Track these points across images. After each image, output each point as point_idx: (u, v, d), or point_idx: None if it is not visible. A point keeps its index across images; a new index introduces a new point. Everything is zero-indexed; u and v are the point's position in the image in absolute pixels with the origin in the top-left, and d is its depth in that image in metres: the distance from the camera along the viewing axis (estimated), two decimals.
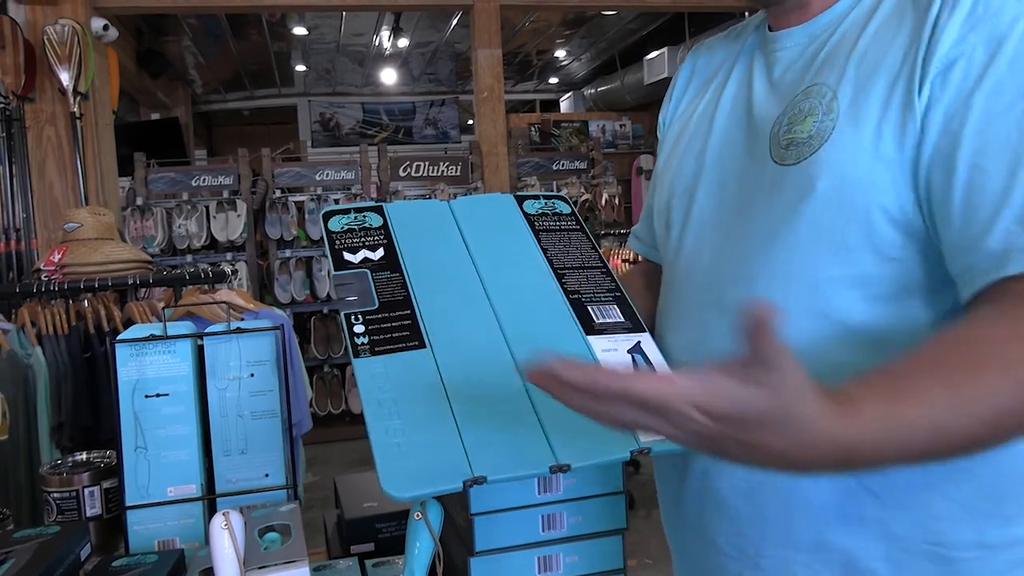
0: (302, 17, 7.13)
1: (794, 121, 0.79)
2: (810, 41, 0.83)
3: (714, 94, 0.93)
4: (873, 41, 0.76)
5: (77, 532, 0.98)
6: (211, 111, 10.50)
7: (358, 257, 0.88)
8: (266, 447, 1.14)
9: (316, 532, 1.34)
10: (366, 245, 0.90)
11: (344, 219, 0.92)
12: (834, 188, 0.74)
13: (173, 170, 5.55)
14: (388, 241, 0.91)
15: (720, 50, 0.99)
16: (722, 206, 0.86)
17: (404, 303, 0.85)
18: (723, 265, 0.84)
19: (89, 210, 2.68)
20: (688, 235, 0.90)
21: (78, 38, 4.15)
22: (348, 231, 0.91)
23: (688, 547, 0.93)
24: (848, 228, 0.74)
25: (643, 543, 3.27)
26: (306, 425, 2.63)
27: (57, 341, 2.28)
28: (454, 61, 9.19)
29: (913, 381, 0.61)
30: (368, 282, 0.86)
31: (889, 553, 0.75)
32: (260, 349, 1.14)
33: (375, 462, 0.70)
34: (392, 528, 1.14)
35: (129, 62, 6.58)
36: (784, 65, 0.85)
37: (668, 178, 0.96)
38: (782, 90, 0.84)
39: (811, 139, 0.76)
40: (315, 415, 4.98)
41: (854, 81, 0.75)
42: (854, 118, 0.74)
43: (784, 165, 0.78)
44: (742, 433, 0.56)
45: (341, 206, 0.95)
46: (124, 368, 1.11)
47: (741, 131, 0.87)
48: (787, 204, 0.77)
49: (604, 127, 9.33)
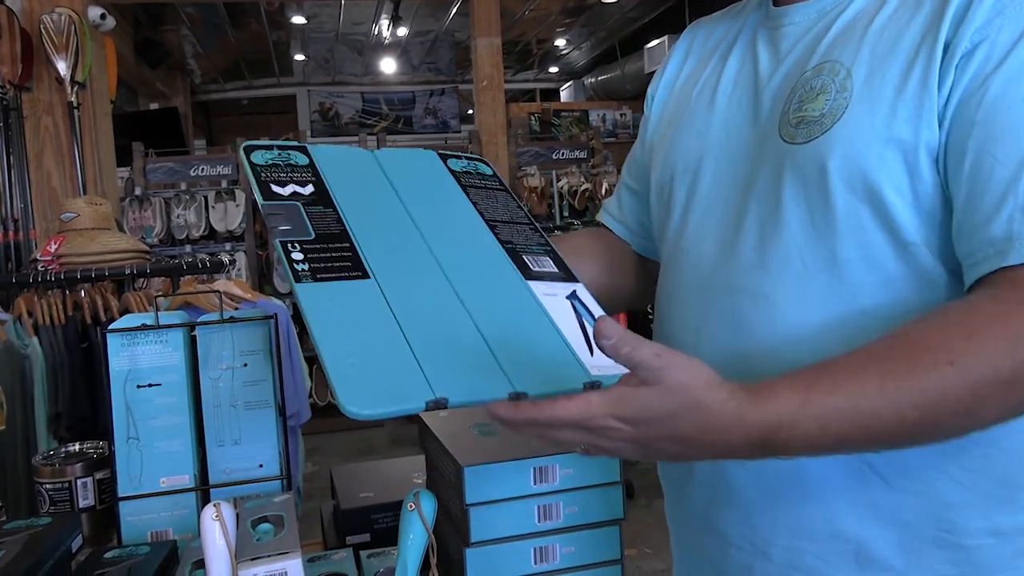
0: (301, 6, 7.10)
1: (805, 99, 0.77)
2: (819, 17, 0.81)
3: (714, 70, 0.91)
4: (891, 20, 0.74)
5: (68, 523, 0.97)
6: (210, 101, 10.47)
7: (287, 190, 0.84)
8: (260, 437, 1.13)
9: (315, 523, 1.33)
10: (294, 180, 0.86)
11: (268, 154, 0.87)
12: (847, 168, 0.72)
13: (172, 160, 5.53)
14: (317, 179, 0.87)
15: (720, 27, 0.97)
16: (728, 185, 0.84)
17: (342, 236, 0.81)
18: (730, 248, 0.82)
19: (86, 200, 2.67)
20: (692, 215, 0.88)
21: (75, 27, 4.13)
22: (273, 166, 0.86)
23: (692, 537, 0.91)
24: (861, 209, 0.72)
25: (643, 533, 3.27)
26: (305, 415, 2.62)
27: (54, 331, 2.27)
28: (454, 50, 9.16)
29: (844, 369, 0.64)
30: (301, 214, 0.81)
31: (901, 540, 0.74)
32: (253, 338, 1.13)
33: (329, 380, 0.65)
34: (388, 519, 1.13)
35: (127, 51, 6.55)
36: (792, 40, 0.83)
37: (665, 155, 0.93)
38: (789, 66, 0.82)
39: (823, 117, 0.75)
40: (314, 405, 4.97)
41: (869, 60, 0.74)
42: (868, 97, 0.72)
43: (794, 144, 0.77)
44: (658, 429, 0.62)
45: (264, 142, 0.90)
46: (116, 358, 1.10)
47: (746, 108, 0.85)
48: (798, 184, 0.76)
49: (604, 116, 9.29)
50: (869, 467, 0.74)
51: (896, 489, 0.74)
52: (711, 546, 0.87)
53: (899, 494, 0.74)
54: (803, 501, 0.77)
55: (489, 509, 0.94)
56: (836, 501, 0.76)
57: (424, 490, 0.82)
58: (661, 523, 1.02)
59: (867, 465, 0.74)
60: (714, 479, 0.84)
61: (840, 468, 0.75)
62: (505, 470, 0.94)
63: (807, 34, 0.81)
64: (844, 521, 0.76)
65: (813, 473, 0.76)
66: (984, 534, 0.73)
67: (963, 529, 0.73)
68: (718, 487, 0.84)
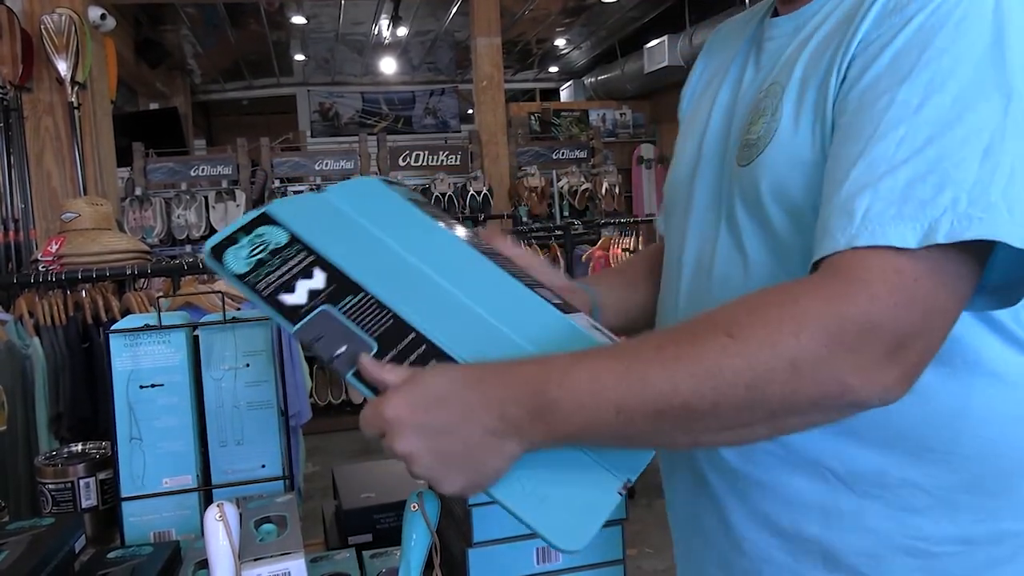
0: (300, 6, 7.10)
1: (752, 120, 0.77)
2: (794, 32, 0.80)
3: (716, 83, 0.92)
4: (824, 39, 0.74)
5: (71, 524, 0.97)
6: (210, 101, 10.47)
7: (301, 294, 0.70)
8: (262, 438, 1.13)
9: (316, 523, 1.33)
10: (293, 272, 0.72)
11: (241, 251, 0.72)
12: (776, 191, 0.73)
13: (172, 160, 5.53)
14: (312, 255, 0.73)
15: (732, 34, 0.96)
16: (708, 200, 0.85)
17: (399, 325, 0.70)
18: (704, 266, 0.83)
19: (87, 200, 2.67)
20: (683, 228, 0.88)
21: (75, 27, 4.13)
22: (259, 264, 0.72)
23: (682, 534, 0.92)
24: (796, 230, 0.72)
25: (644, 532, 3.27)
26: (306, 415, 2.62)
27: (55, 332, 2.28)
28: (454, 50, 9.15)
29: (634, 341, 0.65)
30: (340, 321, 0.69)
31: (867, 547, 0.74)
32: (256, 339, 1.13)
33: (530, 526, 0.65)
34: (390, 519, 1.13)
35: (127, 52, 6.55)
36: (769, 57, 0.83)
37: (675, 167, 0.94)
38: (756, 84, 0.82)
39: (759, 140, 0.75)
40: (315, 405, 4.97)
41: (800, 81, 0.73)
42: (793, 120, 0.72)
43: (740, 165, 0.77)
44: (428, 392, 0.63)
45: (222, 234, 0.74)
46: (119, 358, 1.10)
47: (726, 125, 0.85)
48: (747, 206, 0.77)
49: (604, 116, 9.29)
50: (832, 474, 0.74)
51: (860, 495, 0.74)
52: (697, 543, 0.88)
53: (863, 500, 0.74)
54: (770, 503, 0.78)
55: (491, 509, 0.94)
56: (802, 506, 0.76)
57: (427, 491, 0.82)
58: (661, 523, 1.02)
59: (830, 472, 0.74)
60: (694, 477, 0.85)
61: (804, 475, 0.75)
62: None
63: (781, 50, 0.81)
64: (809, 525, 0.76)
65: (780, 479, 0.77)
66: (953, 542, 0.73)
67: (931, 536, 0.73)
68: (697, 487, 0.85)
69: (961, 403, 0.72)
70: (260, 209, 0.76)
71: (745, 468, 0.79)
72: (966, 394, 0.71)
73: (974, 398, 0.72)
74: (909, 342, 0.61)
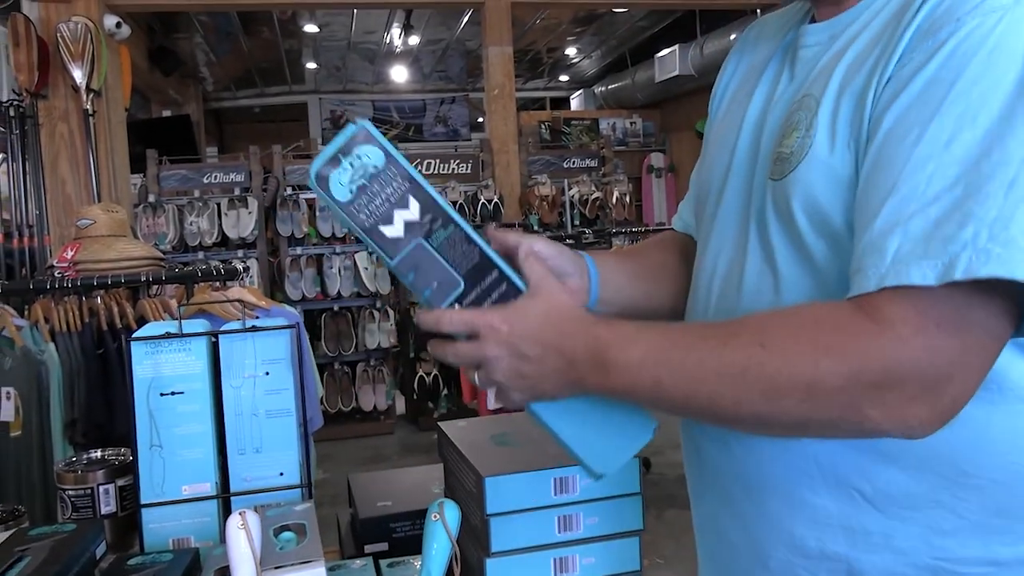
0: (313, 14, 7.14)
1: (785, 133, 0.77)
2: (829, 41, 0.79)
3: (749, 87, 0.90)
4: (862, 52, 0.73)
5: (92, 530, 0.98)
6: (222, 108, 10.53)
7: (399, 226, 0.73)
8: (281, 446, 1.14)
9: (328, 530, 1.33)
10: (390, 201, 0.73)
11: (343, 175, 0.73)
12: (809, 207, 0.73)
13: (185, 167, 5.56)
14: (408, 183, 0.75)
15: (768, 34, 0.95)
16: (739, 210, 0.85)
17: (484, 265, 0.74)
18: (733, 277, 0.83)
19: (102, 207, 2.69)
20: (713, 235, 0.88)
21: (91, 35, 4.17)
22: (360, 191, 0.73)
23: (708, 543, 0.93)
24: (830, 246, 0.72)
25: (655, 543, 3.26)
26: (317, 423, 2.63)
27: (70, 338, 2.29)
28: (465, 59, 9.19)
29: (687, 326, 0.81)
30: (432, 254, 0.73)
31: (894, 567, 0.74)
32: (275, 347, 1.14)
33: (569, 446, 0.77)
34: (407, 528, 1.13)
35: (141, 59, 6.60)
36: (804, 65, 0.82)
37: (705, 173, 0.94)
38: (789, 95, 0.81)
39: (791, 155, 0.75)
40: (325, 412, 4.99)
41: (835, 96, 0.73)
42: (828, 134, 0.72)
43: (773, 179, 0.77)
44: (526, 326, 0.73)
45: (326, 155, 0.74)
46: (140, 366, 1.10)
47: (757, 133, 0.85)
48: (779, 219, 0.76)
49: (615, 125, 9.31)
50: (860, 494, 0.74)
51: (889, 516, 0.74)
52: (723, 558, 0.88)
53: (892, 521, 0.74)
54: (795, 521, 0.78)
55: (509, 519, 0.95)
56: (828, 525, 0.76)
57: (448, 500, 0.83)
58: (673, 534, 1.02)
59: (857, 492, 0.74)
60: (718, 488, 0.86)
61: (831, 494, 0.75)
62: (525, 480, 0.95)
63: (815, 59, 0.80)
64: (835, 544, 0.76)
65: (805, 496, 0.77)
66: (981, 563, 0.73)
67: (959, 558, 0.73)
68: (722, 496, 0.86)
69: (995, 428, 0.71)
70: (358, 124, 0.75)
71: (771, 485, 0.79)
72: (1000, 419, 0.71)
73: (1008, 423, 0.71)
74: (937, 384, 0.62)
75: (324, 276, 5.56)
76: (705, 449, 0.88)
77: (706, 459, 0.88)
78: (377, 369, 5.67)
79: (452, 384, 5.59)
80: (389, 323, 5.62)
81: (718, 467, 0.85)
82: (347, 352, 5.59)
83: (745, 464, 0.81)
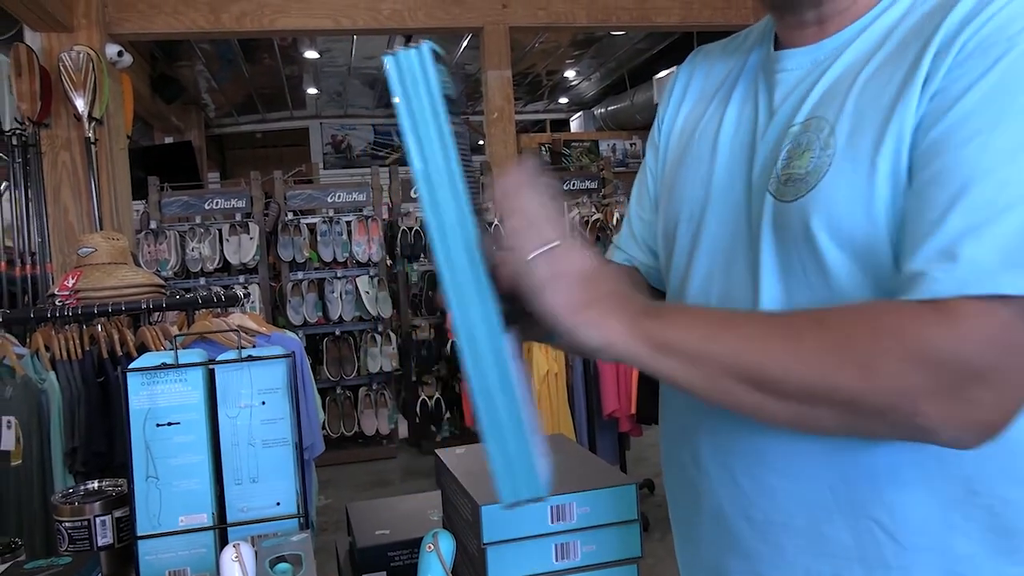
0: (313, 41, 7.19)
1: (793, 155, 0.77)
2: (813, 66, 0.80)
3: (716, 112, 0.90)
4: (876, 74, 0.74)
5: (88, 563, 0.98)
6: (224, 134, 10.59)
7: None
8: (277, 475, 1.13)
9: (329, 557, 1.33)
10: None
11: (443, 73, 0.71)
12: (832, 226, 0.72)
13: (186, 193, 5.59)
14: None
15: (719, 62, 0.95)
16: (729, 236, 0.84)
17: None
18: (735, 299, 0.82)
19: (103, 235, 2.70)
20: (697, 263, 0.87)
21: (93, 64, 4.20)
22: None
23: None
24: (853, 265, 0.72)
25: (658, 567, 3.23)
26: (318, 448, 2.62)
27: (71, 366, 2.29)
28: (464, 82, 9.24)
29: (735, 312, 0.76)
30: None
31: None
32: (272, 377, 1.14)
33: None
34: (404, 556, 1.13)
35: (143, 87, 6.65)
36: (784, 90, 0.82)
37: (669, 201, 0.93)
38: (781, 119, 0.81)
39: (807, 176, 0.74)
40: (327, 437, 4.97)
41: (852, 116, 0.73)
42: (850, 155, 0.72)
43: (783, 201, 0.77)
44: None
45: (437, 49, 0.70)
46: (136, 397, 1.11)
47: (745, 159, 0.84)
48: (791, 241, 0.76)
49: (614, 146, 9.35)
50: (879, 526, 0.74)
51: (908, 548, 0.73)
52: None
53: (911, 552, 0.73)
54: (811, 557, 0.77)
55: (507, 548, 0.94)
56: (847, 559, 0.75)
57: (443, 530, 0.83)
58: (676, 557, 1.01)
59: (877, 525, 0.74)
60: (721, 527, 0.84)
61: (847, 525, 0.75)
62: (522, 509, 0.94)
63: (799, 84, 0.81)
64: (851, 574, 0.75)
65: (822, 529, 0.76)
66: None
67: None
68: (725, 535, 0.83)
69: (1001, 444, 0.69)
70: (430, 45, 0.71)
71: (784, 520, 0.77)
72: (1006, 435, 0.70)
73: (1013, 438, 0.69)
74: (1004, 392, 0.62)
75: (326, 301, 5.57)
76: (706, 490, 0.85)
77: (706, 500, 0.85)
78: (379, 393, 5.67)
79: (454, 408, 5.57)
80: (391, 347, 5.61)
81: (720, 507, 0.83)
82: (349, 376, 5.59)
83: (756, 500, 0.79)
